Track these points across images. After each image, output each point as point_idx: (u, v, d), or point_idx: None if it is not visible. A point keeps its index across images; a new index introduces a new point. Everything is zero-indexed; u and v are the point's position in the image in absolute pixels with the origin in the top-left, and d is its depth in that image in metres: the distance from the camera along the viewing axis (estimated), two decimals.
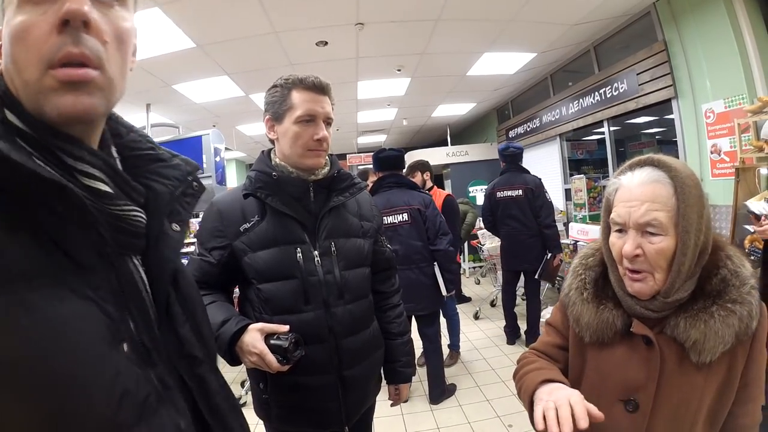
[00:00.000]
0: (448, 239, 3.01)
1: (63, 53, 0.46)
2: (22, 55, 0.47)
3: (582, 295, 0.96)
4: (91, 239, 0.50)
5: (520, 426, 2.68)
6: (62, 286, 0.45)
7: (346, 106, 7.06)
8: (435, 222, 2.99)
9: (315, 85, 1.22)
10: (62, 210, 0.46)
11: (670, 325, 0.85)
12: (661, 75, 4.08)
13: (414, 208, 2.99)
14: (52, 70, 0.47)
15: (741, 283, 0.83)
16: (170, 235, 0.62)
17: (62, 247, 0.46)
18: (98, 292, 0.48)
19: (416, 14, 3.93)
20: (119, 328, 0.50)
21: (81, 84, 0.48)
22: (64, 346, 0.43)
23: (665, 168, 0.84)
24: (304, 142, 1.23)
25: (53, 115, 0.48)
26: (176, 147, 3.59)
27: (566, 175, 6.31)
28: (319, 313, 1.24)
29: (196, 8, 3.39)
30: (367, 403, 1.43)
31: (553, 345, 1.07)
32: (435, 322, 3.23)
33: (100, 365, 0.46)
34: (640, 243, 0.83)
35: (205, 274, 1.27)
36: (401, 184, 3.10)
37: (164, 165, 0.65)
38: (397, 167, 3.16)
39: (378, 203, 3.05)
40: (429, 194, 3.18)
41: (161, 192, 0.62)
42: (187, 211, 0.67)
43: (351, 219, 1.36)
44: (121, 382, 0.47)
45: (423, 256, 3.02)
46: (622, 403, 0.89)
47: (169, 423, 0.53)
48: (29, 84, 0.47)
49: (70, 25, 0.47)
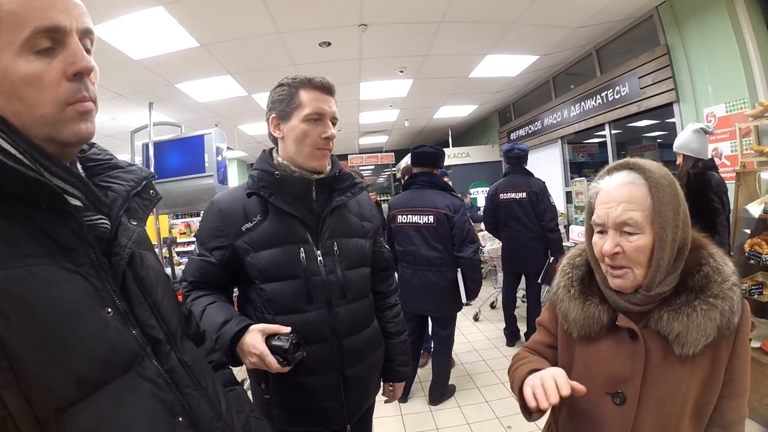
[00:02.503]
0: (474, 247, 2.92)
1: (80, 96, 0.62)
2: (35, 96, 0.59)
3: (569, 292, 1.00)
4: (71, 227, 0.62)
5: (520, 427, 2.69)
6: (55, 264, 0.58)
7: (349, 106, 7.08)
8: (463, 229, 2.89)
9: (323, 85, 1.25)
10: (45, 205, 0.59)
11: (654, 319, 0.88)
12: (663, 79, 4.09)
13: (441, 212, 2.92)
14: (70, 106, 0.61)
15: (723, 279, 0.87)
16: (128, 226, 0.73)
17: (49, 234, 0.59)
18: (82, 267, 0.62)
19: (419, 16, 3.95)
20: (102, 295, 0.63)
21: (88, 114, 0.64)
22: (64, 305, 0.57)
23: (640, 170, 0.89)
24: (312, 141, 1.24)
25: (70, 138, 0.63)
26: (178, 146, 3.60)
27: (567, 177, 6.32)
28: (322, 313, 1.25)
29: (200, 8, 3.41)
30: (368, 401, 1.45)
31: (542, 343, 1.12)
32: (450, 325, 3.18)
33: (94, 318, 0.60)
34: (619, 242, 0.88)
35: (206, 274, 1.27)
36: (433, 185, 3.02)
37: (122, 171, 0.78)
38: (433, 165, 3.06)
39: (405, 200, 3.00)
40: (460, 198, 3.08)
41: (119, 190, 0.74)
42: (143, 212, 0.78)
43: (352, 219, 1.37)
44: (111, 333, 0.61)
45: (444, 261, 2.94)
46: (609, 396, 0.93)
47: (155, 371, 0.66)
48: (47, 117, 0.60)
49: (81, 75, 0.62)
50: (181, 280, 1.34)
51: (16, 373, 0.50)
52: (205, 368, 0.82)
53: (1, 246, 0.53)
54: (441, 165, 3.13)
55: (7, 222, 0.55)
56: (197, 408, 0.71)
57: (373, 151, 11.41)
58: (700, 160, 2.76)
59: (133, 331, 0.66)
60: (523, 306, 4.51)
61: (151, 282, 0.75)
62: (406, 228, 3.01)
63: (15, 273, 0.53)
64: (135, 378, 0.63)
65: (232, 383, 0.97)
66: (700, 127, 2.78)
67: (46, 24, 0.58)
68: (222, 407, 0.78)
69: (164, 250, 3.80)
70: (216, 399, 0.78)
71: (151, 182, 0.82)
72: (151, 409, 0.63)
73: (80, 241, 0.62)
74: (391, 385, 1.55)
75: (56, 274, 0.57)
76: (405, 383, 2.89)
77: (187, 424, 0.68)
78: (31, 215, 0.58)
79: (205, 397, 0.75)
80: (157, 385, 0.65)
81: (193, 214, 7.53)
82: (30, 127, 0.60)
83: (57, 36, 0.59)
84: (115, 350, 0.61)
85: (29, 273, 0.54)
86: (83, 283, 0.60)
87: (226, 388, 0.89)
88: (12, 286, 0.52)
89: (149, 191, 0.81)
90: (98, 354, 0.58)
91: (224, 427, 0.76)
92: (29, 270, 0.54)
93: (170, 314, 0.77)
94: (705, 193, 2.61)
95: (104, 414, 0.57)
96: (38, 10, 0.57)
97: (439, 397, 3.17)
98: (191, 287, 1.29)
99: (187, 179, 3.44)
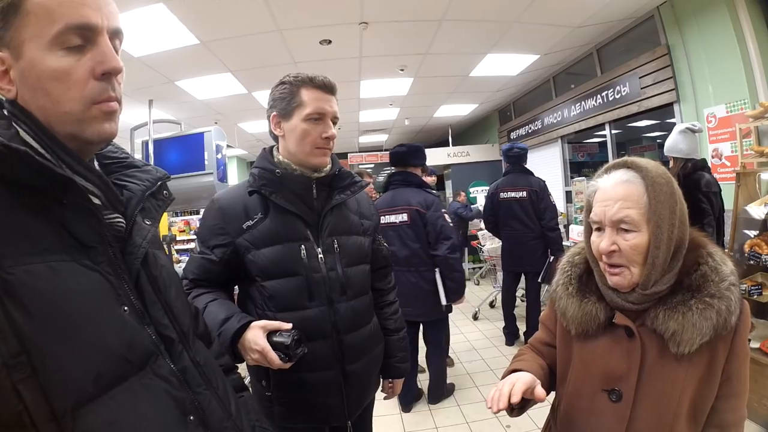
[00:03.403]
0: (449, 244, 2.80)
1: (106, 95, 0.62)
2: (62, 92, 0.59)
3: (567, 289, 1.02)
4: (91, 224, 0.62)
5: (519, 426, 2.69)
6: (74, 260, 0.58)
7: (349, 105, 7.07)
8: (436, 225, 2.81)
9: (325, 84, 1.25)
10: (67, 201, 0.59)
11: (650, 317, 0.89)
12: (663, 79, 4.09)
13: (413, 209, 2.87)
14: (96, 105, 0.61)
15: (720, 279, 0.87)
16: (142, 226, 0.73)
17: (69, 231, 0.59)
18: (101, 265, 0.62)
19: (420, 14, 3.94)
20: (119, 293, 0.63)
21: (113, 114, 0.64)
22: (82, 302, 0.57)
23: (637, 169, 0.90)
24: (313, 140, 1.24)
25: (94, 136, 0.63)
26: (178, 143, 3.59)
27: (567, 177, 6.32)
28: (323, 310, 1.25)
29: (200, 5, 3.40)
30: (368, 397, 1.46)
31: (542, 341, 1.14)
32: (441, 330, 3.08)
33: (111, 315, 0.60)
34: (616, 240, 0.88)
35: (206, 272, 1.27)
36: (409, 183, 2.98)
37: (137, 170, 0.78)
38: (403, 164, 3.03)
39: (386, 200, 2.94)
40: (435, 195, 2.99)
41: (135, 190, 0.74)
42: (157, 212, 0.78)
43: (352, 217, 1.38)
44: (128, 330, 0.62)
45: (422, 260, 2.87)
46: (606, 393, 0.93)
47: (168, 370, 0.67)
48: (72, 114, 0.60)
49: (109, 75, 0.62)
50: (181, 278, 1.34)
51: (35, 367, 0.50)
52: (216, 369, 0.82)
53: (23, 241, 0.53)
54: (415, 162, 3.05)
55: (30, 217, 0.55)
56: (208, 407, 0.72)
57: (372, 149, 11.39)
58: (690, 161, 2.76)
59: (148, 329, 0.66)
60: (523, 305, 4.51)
61: (164, 282, 0.75)
62: (386, 228, 2.92)
63: (35, 268, 0.53)
64: (150, 375, 0.63)
65: (241, 388, 0.97)
66: (686, 127, 2.77)
67: (78, 21, 0.58)
68: (232, 407, 0.78)
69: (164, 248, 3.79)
70: (226, 399, 0.78)
71: (166, 183, 0.82)
72: (164, 406, 0.64)
73: (100, 239, 0.63)
74: (390, 381, 1.57)
75: (75, 270, 0.57)
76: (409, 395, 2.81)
77: (198, 423, 0.68)
78: (53, 211, 0.58)
79: (216, 396, 0.75)
80: (170, 383, 0.66)
81: (192, 212, 7.51)
82: (54, 123, 0.60)
83: (88, 34, 0.59)
84: (131, 347, 0.61)
85: (49, 268, 0.54)
86: (101, 281, 0.61)
87: (237, 394, 0.89)
88: (32, 280, 0.52)
89: (163, 192, 0.81)
90: (116, 351, 0.59)
91: (234, 426, 0.76)
92: (49, 265, 0.54)
93: (182, 314, 0.77)
94: (692, 193, 2.59)
95: (120, 410, 0.57)
96: (70, 5, 0.57)
97: (438, 398, 3.16)
98: (192, 285, 1.29)
99: (186, 177, 3.42)
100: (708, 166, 2.81)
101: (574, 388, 1.00)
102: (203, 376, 0.74)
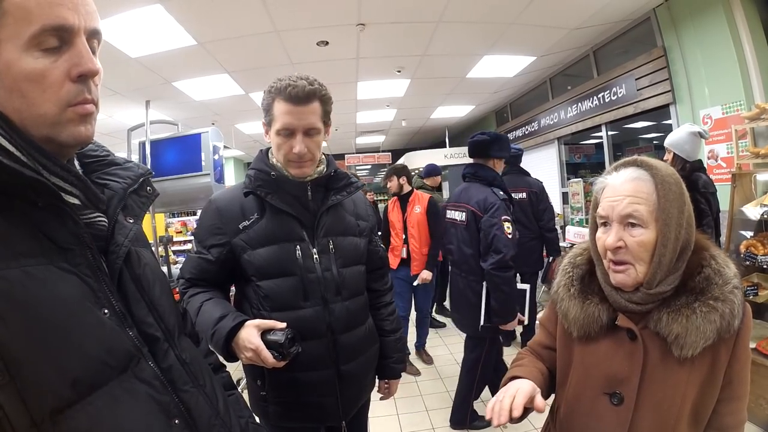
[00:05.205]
0: (497, 259, 2.33)
1: (82, 98, 0.61)
2: (37, 94, 0.57)
3: (569, 291, 1.00)
4: (67, 225, 0.61)
5: (515, 427, 2.68)
6: (51, 263, 0.57)
7: (346, 106, 7.07)
8: (488, 233, 2.38)
9: (293, 96, 1.18)
10: (42, 204, 0.58)
11: (654, 320, 0.88)
12: (659, 80, 4.11)
13: (470, 209, 2.52)
14: (71, 108, 0.60)
15: (724, 282, 0.86)
16: (124, 224, 0.72)
17: (45, 233, 0.58)
18: (79, 267, 0.61)
19: (417, 16, 3.95)
20: (98, 295, 0.62)
21: (89, 117, 0.63)
22: (59, 306, 0.56)
23: (647, 167, 0.89)
24: (285, 153, 1.25)
25: (69, 139, 0.61)
26: (175, 144, 3.58)
27: (564, 178, 6.34)
28: (318, 310, 1.26)
29: (198, 6, 3.40)
30: (363, 397, 1.46)
31: (541, 344, 1.13)
32: (475, 349, 2.69)
33: (89, 319, 0.59)
34: (622, 236, 0.88)
35: (203, 271, 1.28)
36: (479, 177, 2.63)
37: (119, 167, 0.77)
38: (485, 155, 2.63)
39: (455, 194, 2.76)
40: (500, 196, 2.49)
41: (116, 188, 0.74)
42: (140, 209, 0.78)
43: (348, 218, 1.38)
44: (107, 334, 0.61)
45: (471, 268, 2.51)
46: (607, 396, 0.92)
47: (151, 373, 0.66)
48: (47, 116, 0.59)
49: (85, 77, 0.61)
50: (178, 278, 1.35)
51: (12, 374, 0.49)
52: (204, 367, 0.81)
53: None
54: (498, 154, 2.65)
55: (3, 220, 0.54)
56: (195, 407, 0.71)
57: (370, 150, 11.40)
58: (687, 162, 2.77)
59: (129, 332, 0.65)
60: None
61: (147, 280, 0.74)
62: (449, 224, 2.75)
63: (10, 273, 0.52)
64: (131, 379, 0.62)
65: (231, 387, 0.97)
66: (698, 131, 2.75)
67: (54, 22, 0.56)
68: (220, 405, 0.78)
69: (161, 248, 3.79)
70: (214, 397, 0.78)
71: (149, 179, 0.81)
72: (147, 410, 0.63)
73: (77, 241, 0.62)
74: (386, 382, 1.56)
75: (52, 274, 0.57)
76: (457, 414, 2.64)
77: (183, 426, 0.67)
78: (28, 213, 0.57)
79: (203, 394, 0.75)
80: (153, 387, 0.65)
81: (189, 213, 7.49)
82: (29, 126, 0.59)
83: (64, 35, 0.58)
84: (111, 351, 0.60)
85: (25, 273, 0.53)
86: (79, 284, 0.60)
87: (226, 392, 0.89)
88: (7, 286, 0.51)
89: (146, 188, 0.80)
90: (94, 355, 0.58)
91: (222, 424, 0.76)
92: (25, 270, 0.53)
93: (168, 312, 0.76)
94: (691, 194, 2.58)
95: (100, 415, 0.56)
96: (47, 5, 0.56)
97: (458, 423, 2.79)
98: (189, 284, 1.29)
99: (183, 178, 3.41)
100: (704, 167, 2.82)
101: (575, 391, 0.99)
102: (190, 374, 0.74)
